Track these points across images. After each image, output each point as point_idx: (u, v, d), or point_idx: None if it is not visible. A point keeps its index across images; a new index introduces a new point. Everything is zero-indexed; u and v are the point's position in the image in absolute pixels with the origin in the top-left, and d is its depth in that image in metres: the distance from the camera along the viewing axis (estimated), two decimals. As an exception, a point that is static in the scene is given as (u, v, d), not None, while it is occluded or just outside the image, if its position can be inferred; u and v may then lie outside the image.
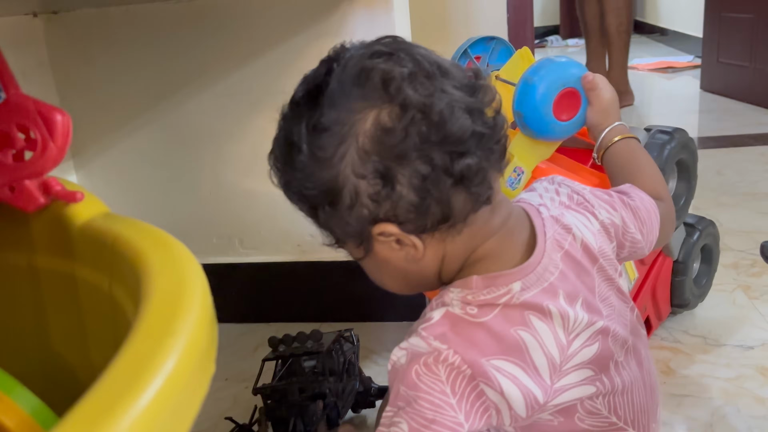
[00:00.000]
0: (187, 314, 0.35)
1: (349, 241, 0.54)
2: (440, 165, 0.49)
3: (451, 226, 0.51)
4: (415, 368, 0.49)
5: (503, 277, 0.53)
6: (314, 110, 0.50)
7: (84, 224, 0.51)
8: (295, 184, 0.52)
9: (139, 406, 0.28)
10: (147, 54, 1.13)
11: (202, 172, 1.19)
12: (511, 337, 0.51)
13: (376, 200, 0.49)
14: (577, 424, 0.55)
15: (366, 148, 0.49)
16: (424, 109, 0.48)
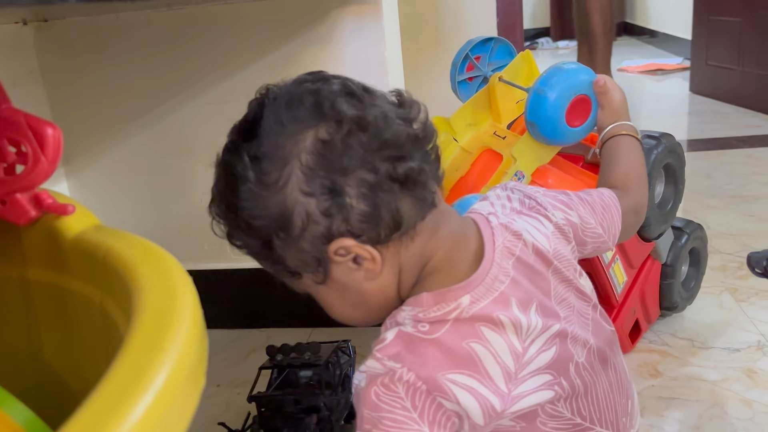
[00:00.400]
0: (178, 329, 0.35)
1: (305, 271, 0.54)
2: (384, 171, 0.50)
3: (403, 233, 0.52)
4: (374, 389, 0.50)
5: (452, 292, 0.53)
6: (252, 141, 0.51)
7: (75, 237, 0.51)
8: (243, 219, 0.52)
9: (130, 421, 0.29)
10: (138, 62, 1.14)
11: (194, 180, 1.19)
12: (463, 350, 0.52)
13: (328, 215, 0.50)
14: (539, 428, 0.56)
15: (310, 165, 0.49)
16: (359, 120, 0.50)
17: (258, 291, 1.21)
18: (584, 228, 0.64)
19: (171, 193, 1.21)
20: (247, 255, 0.57)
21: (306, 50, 1.06)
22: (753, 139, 2.15)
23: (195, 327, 0.37)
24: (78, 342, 0.53)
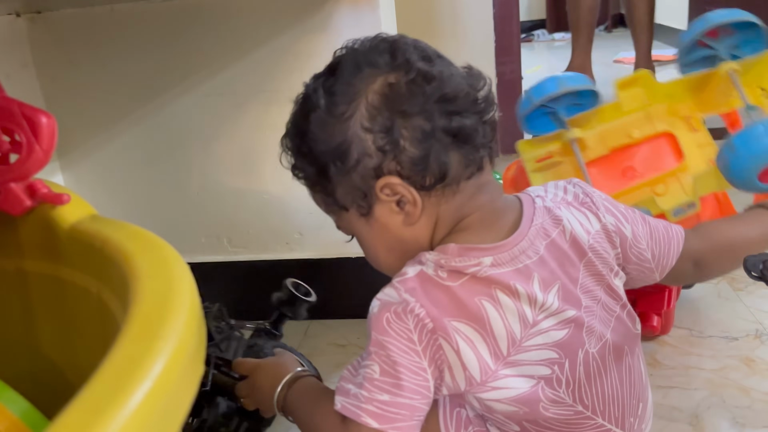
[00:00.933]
0: (176, 317, 0.35)
1: (353, 202, 0.58)
2: (440, 122, 0.55)
3: (446, 185, 0.57)
4: (386, 316, 0.54)
5: (477, 250, 0.57)
6: (330, 79, 0.57)
7: (71, 227, 0.51)
8: (308, 144, 0.58)
9: (128, 408, 0.28)
10: (132, 54, 1.13)
11: (190, 172, 1.19)
12: (474, 305, 0.55)
13: (381, 151, 0.55)
14: (542, 413, 0.57)
15: (374, 104, 0.55)
16: (426, 73, 0.55)
17: (255, 283, 1.20)
18: (633, 245, 0.65)
19: (167, 185, 1.20)
20: (306, 185, 0.63)
21: (302, 40, 1.06)
22: (749, 130, 2.14)
23: (193, 315, 0.36)
24: (75, 332, 0.53)
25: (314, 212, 1.16)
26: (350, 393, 0.55)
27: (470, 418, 0.60)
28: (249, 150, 1.15)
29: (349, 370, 0.57)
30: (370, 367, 0.54)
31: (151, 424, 0.29)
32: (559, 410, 0.58)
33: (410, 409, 0.54)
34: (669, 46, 3.98)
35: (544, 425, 0.58)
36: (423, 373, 0.54)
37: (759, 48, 0.90)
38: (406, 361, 0.53)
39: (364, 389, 0.54)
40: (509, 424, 0.59)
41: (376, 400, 0.53)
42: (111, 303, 0.47)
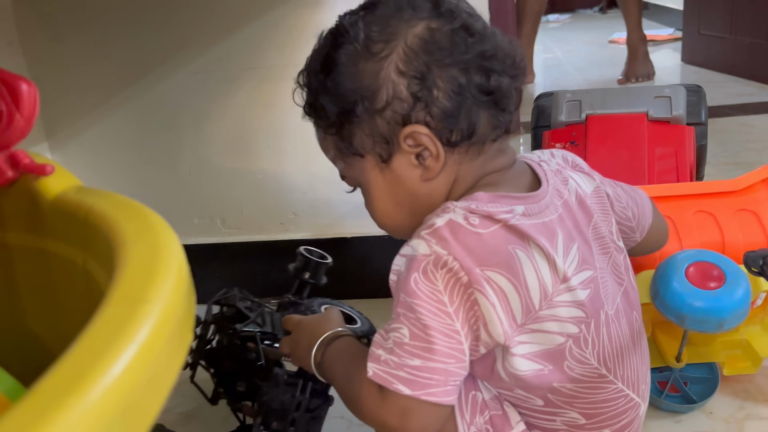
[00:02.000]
0: (163, 281, 0.33)
1: (373, 149, 0.56)
2: (476, 78, 0.53)
3: (472, 144, 0.55)
4: (413, 276, 0.51)
5: (508, 198, 0.55)
6: (370, 14, 0.54)
7: (55, 198, 0.49)
8: (336, 77, 0.54)
9: (112, 374, 0.27)
10: (120, 32, 1.10)
11: (182, 152, 1.17)
12: (507, 252, 0.52)
13: (414, 97, 0.53)
14: (566, 373, 0.55)
15: (413, 47, 0.53)
16: (469, 26, 0.54)
17: (249, 264, 1.19)
18: (615, 202, 0.65)
19: (158, 166, 1.18)
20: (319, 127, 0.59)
21: (293, 14, 1.04)
22: (746, 107, 2.13)
23: (181, 279, 0.35)
24: (61, 306, 0.51)
25: (309, 192, 1.16)
26: (381, 359, 0.51)
27: (486, 401, 0.58)
28: (241, 128, 1.13)
29: (380, 334, 0.53)
30: (398, 331, 0.51)
31: (137, 391, 0.28)
32: (583, 371, 0.56)
33: (444, 374, 0.50)
34: (664, 26, 3.96)
35: (569, 394, 0.56)
36: (456, 335, 0.50)
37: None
38: (437, 324, 0.50)
39: (395, 354, 0.50)
40: (532, 400, 0.57)
41: (407, 365, 0.50)
42: (97, 274, 0.45)
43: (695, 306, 0.69)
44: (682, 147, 0.98)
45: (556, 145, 1.03)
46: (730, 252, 0.78)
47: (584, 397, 0.57)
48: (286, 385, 0.70)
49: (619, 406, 0.59)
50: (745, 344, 0.83)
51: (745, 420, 0.80)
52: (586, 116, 1.03)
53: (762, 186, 0.88)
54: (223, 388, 0.80)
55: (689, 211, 0.86)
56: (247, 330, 0.77)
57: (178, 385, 1.03)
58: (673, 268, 0.71)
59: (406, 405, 0.50)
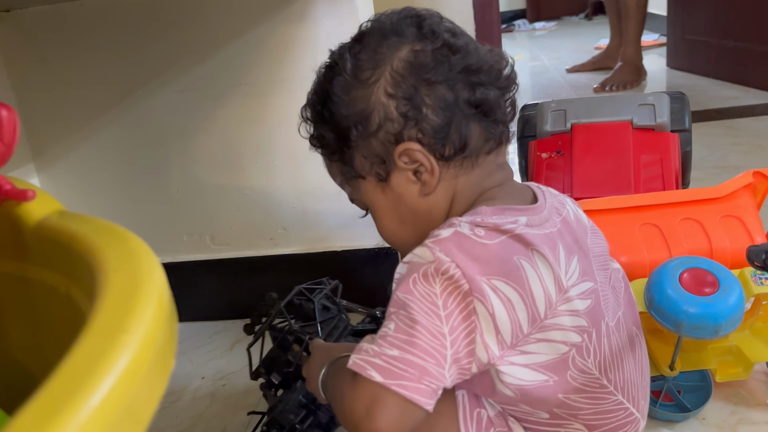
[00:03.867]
0: (143, 309, 0.33)
1: (371, 169, 0.59)
2: (463, 93, 0.56)
3: (466, 157, 0.57)
4: (413, 277, 0.51)
5: (511, 210, 0.56)
6: (357, 45, 0.58)
7: (37, 224, 0.49)
8: (330, 106, 0.58)
9: (91, 404, 0.26)
10: (105, 51, 1.10)
11: (169, 170, 1.17)
12: (513, 263, 0.52)
13: (404, 117, 0.56)
14: (569, 383, 0.56)
15: (399, 71, 0.56)
16: (452, 43, 0.57)
17: (240, 281, 1.19)
18: None
19: (146, 184, 1.18)
20: (323, 155, 0.63)
21: (278, 30, 1.04)
22: (731, 111, 2.15)
23: (161, 307, 0.34)
24: (44, 333, 0.51)
25: (297, 206, 1.15)
26: (362, 349, 0.51)
27: (491, 418, 0.58)
28: (229, 145, 1.13)
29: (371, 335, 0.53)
30: (386, 326, 0.52)
31: (116, 420, 0.27)
32: (585, 381, 0.56)
33: (419, 369, 0.49)
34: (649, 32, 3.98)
35: (573, 407, 0.57)
36: (441, 338, 0.50)
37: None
38: (425, 321, 0.50)
39: (376, 344, 0.51)
40: (537, 413, 0.57)
41: (384, 354, 0.50)
42: (80, 301, 0.44)
43: (691, 312, 0.69)
44: (667, 154, 0.99)
45: (542, 154, 1.03)
46: (718, 258, 0.78)
47: (587, 407, 0.57)
48: (297, 406, 0.70)
49: (619, 418, 0.59)
50: (736, 350, 0.83)
51: (738, 425, 0.80)
52: (571, 125, 1.04)
53: (745, 192, 0.88)
54: (265, 370, 0.81)
55: (675, 218, 0.86)
56: (302, 332, 0.78)
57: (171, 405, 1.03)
58: (667, 276, 0.72)
59: (376, 393, 0.49)
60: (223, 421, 0.92)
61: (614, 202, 0.87)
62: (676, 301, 0.70)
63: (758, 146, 1.80)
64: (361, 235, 1.13)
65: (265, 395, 0.81)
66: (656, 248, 0.84)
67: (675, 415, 0.80)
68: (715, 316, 0.69)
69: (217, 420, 0.93)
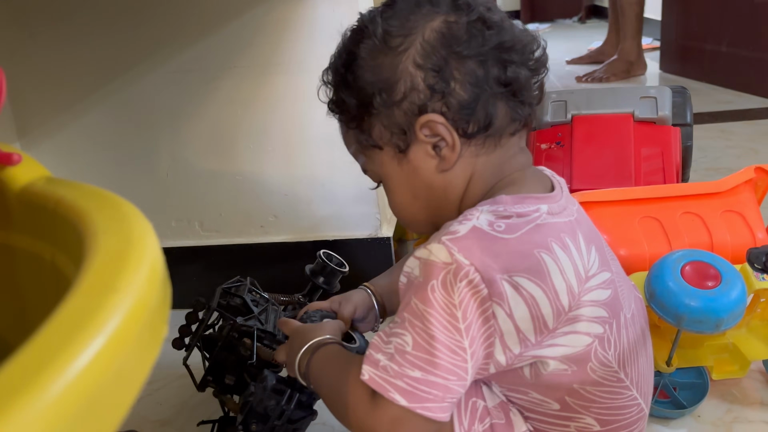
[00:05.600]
0: (135, 270, 0.31)
1: (390, 140, 0.57)
2: (493, 70, 0.54)
3: (489, 135, 0.55)
4: (432, 283, 0.49)
5: (532, 198, 0.54)
6: (389, 10, 0.56)
7: (22, 189, 0.47)
8: (355, 71, 0.56)
9: (74, 368, 0.24)
10: (95, 30, 1.07)
11: (159, 153, 1.14)
12: (534, 257, 0.51)
13: (430, 89, 0.54)
14: (588, 375, 0.54)
15: (431, 41, 0.54)
16: (485, 20, 0.54)
17: (228, 268, 1.16)
18: None
19: (135, 167, 1.15)
20: (341, 122, 0.61)
21: (274, 12, 1.01)
22: (725, 114, 2.15)
23: (154, 270, 0.32)
24: (29, 305, 0.48)
25: (289, 194, 1.13)
26: (379, 364, 0.49)
27: (488, 408, 0.56)
28: (220, 129, 1.10)
29: (380, 337, 0.51)
30: (401, 337, 0.49)
31: (103, 388, 0.25)
32: (604, 374, 0.55)
33: (443, 390, 0.48)
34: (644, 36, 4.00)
35: (587, 397, 0.55)
36: (462, 353, 0.49)
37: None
38: (444, 338, 0.48)
39: (395, 362, 0.49)
40: (548, 404, 0.55)
41: (406, 375, 0.48)
42: (66, 269, 0.42)
43: (693, 306, 0.68)
44: (668, 147, 0.97)
45: (542, 145, 1.02)
46: (718, 253, 0.77)
47: (602, 402, 0.56)
48: (273, 391, 0.68)
49: (632, 414, 0.58)
50: (733, 348, 0.82)
51: (733, 423, 0.78)
52: (571, 116, 1.03)
53: (746, 187, 0.87)
54: (213, 377, 0.78)
55: (676, 212, 0.85)
56: (247, 325, 0.76)
57: (155, 392, 1.00)
58: (669, 268, 0.70)
59: (400, 416, 0.48)
60: (207, 410, 0.89)
61: (614, 194, 0.86)
62: (677, 294, 0.69)
63: (751, 149, 1.81)
64: (353, 224, 1.11)
65: (221, 402, 0.79)
66: (656, 242, 0.83)
67: (671, 411, 0.79)
68: (717, 310, 0.68)
69: (202, 408, 0.90)
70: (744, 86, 2.39)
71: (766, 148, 1.80)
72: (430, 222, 0.60)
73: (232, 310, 0.81)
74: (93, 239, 0.35)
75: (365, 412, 0.50)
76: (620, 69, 2.71)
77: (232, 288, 0.84)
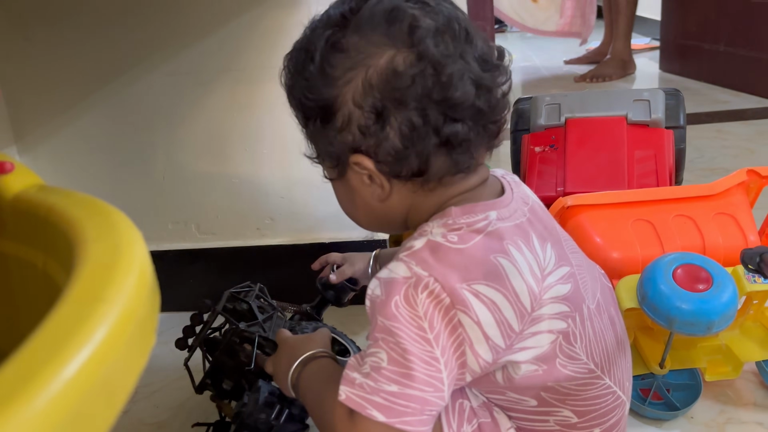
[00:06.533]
0: (123, 279, 0.31)
1: (326, 161, 0.57)
2: (432, 122, 0.50)
3: (424, 182, 0.53)
4: (394, 300, 0.49)
5: (480, 206, 0.54)
6: (339, 29, 0.52)
7: (15, 197, 0.47)
8: (298, 91, 0.55)
9: (62, 377, 0.25)
10: (92, 32, 1.08)
11: (155, 156, 1.14)
12: (491, 263, 0.51)
13: (363, 132, 0.52)
14: (560, 371, 0.55)
15: (372, 81, 0.51)
16: (437, 66, 0.50)
17: (225, 270, 1.17)
18: None
19: (131, 170, 1.15)
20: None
21: (269, 15, 1.02)
22: (721, 115, 2.15)
23: (143, 279, 0.33)
24: (21, 312, 0.49)
25: (286, 196, 1.13)
26: (355, 383, 0.50)
27: (474, 409, 0.57)
28: (216, 132, 1.11)
29: (356, 358, 0.52)
30: (376, 355, 0.49)
31: (89, 397, 0.26)
32: (575, 367, 0.56)
33: (421, 402, 0.49)
34: (641, 36, 4.00)
35: (562, 391, 0.56)
36: (435, 363, 0.49)
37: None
38: (417, 350, 0.48)
39: (371, 379, 0.49)
40: (525, 401, 0.56)
41: (383, 390, 0.48)
42: (57, 277, 0.43)
43: (684, 308, 0.68)
44: (661, 150, 0.98)
45: (536, 148, 1.02)
46: (710, 256, 0.78)
47: (576, 394, 0.56)
48: (264, 405, 0.68)
49: (608, 403, 0.59)
50: (726, 349, 0.82)
51: (726, 424, 0.79)
52: (565, 119, 1.03)
53: (738, 190, 0.88)
54: (211, 381, 0.79)
55: (669, 215, 0.85)
56: (249, 331, 0.76)
57: (151, 395, 1.01)
58: (661, 271, 0.71)
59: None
60: (203, 414, 0.90)
61: (607, 197, 0.86)
62: (669, 296, 0.69)
63: (747, 150, 1.81)
64: (349, 226, 1.10)
65: (218, 406, 0.80)
66: (649, 244, 0.83)
67: (664, 413, 0.79)
68: (708, 313, 0.68)
69: (198, 411, 0.91)
70: (742, 86, 2.40)
71: (762, 149, 1.80)
72: (374, 226, 0.61)
73: (237, 314, 0.81)
74: (82, 248, 0.36)
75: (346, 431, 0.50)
76: (617, 68, 2.73)
77: (241, 293, 0.84)
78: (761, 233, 0.89)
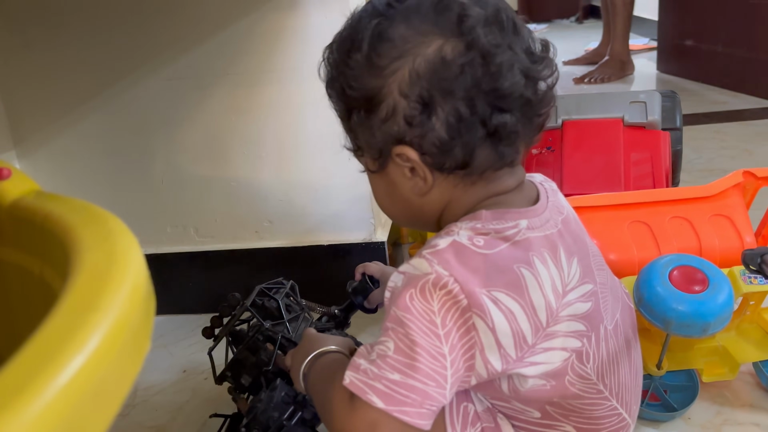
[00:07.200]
0: (117, 288, 0.32)
1: (368, 153, 0.56)
2: (479, 113, 0.50)
3: (466, 174, 0.53)
4: (409, 292, 0.49)
5: (511, 213, 0.53)
6: (385, 19, 0.51)
7: (12, 204, 0.47)
8: (341, 81, 0.54)
9: (54, 386, 0.25)
10: (90, 37, 1.08)
11: (154, 160, 1.14)
12: (513, 272, 0.51)
13: (409, 123, 0.51)
14: (568, 388, 0.55)
15: (419, 71, 0.50)
16: (486, 56, 0.49)
17: (224, 273, 1.17)
18: None
19: (130, 174, 1.16)
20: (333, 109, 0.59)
21: (268, 19, 1.02)
22: (720, 115, 2.16)
23: (137, 287, 0.33)
24: (18, 318, 0.49)
25: (284, 199, 1.14)
26: (360, 368, 0.50)
27: (478, 413, 0.57)
28: (215, 135, 1.11)
29: (365, 346, 0.52)
30: (384, 344, 0.50)
31: (83, 404, 0.26)
32: (584, 386, 0.55)
33: (421, 394, 0.48)
34: (639, 36, 4.00)
35: (567, 407, 0.56)
36: (442, 359, 0.49)
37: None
38: (425, 342, 0.48)
39: (375, 365, 0.49)
40: (529, 412, 0.56)
41: (385, 378, 0.48)
42: (54, 283, 0.43)
43: (680, 310, 0.68)
44: (657, 152, 0.98)
45: (532, 150, 1.03)
46: (707, 257, 0.78)
47: (581, 412, 0.56)
48: (278, 404, 0.69)
49: (612, 424, 0.58)
50: (722, 350, 0.83)
51: (723, 425, 0.79)
52: (561, 121, 1.03)
53: (734, 191, 0.88)
54: (231, 374, 0.79)
55: (665, 216, 0.86)
56: (273, 330, 0.77)
57: (151, 398, 1.01)
58: (657, 273, 0.71)
59: (377, 419, 0.48)
60: (203, 416, 0.90)
61: (604, 199, 0.86)
62: (665, 298, 0.70)
63: (745, 150, 1.81)
64: (348, 229, 1.12)
65: (234, 399, 0.80)
66: (645, 246, 0.83)
67: (661, 414, 0.80)
68: (704, 314, 0.69)
69: (198, 414, 0.91)
70: (740, 86, 2.40)
71: (760, 149, 1.81)
72: (409, 221, 0.61)
73: (265, 311, 0.81)
74: (78, 256, 0.36)
75: (345, 415, 0.50)
76: (616, 68, 2.74)
77: (272, 289, 0.84)
78: (757, 234, 0.89)
